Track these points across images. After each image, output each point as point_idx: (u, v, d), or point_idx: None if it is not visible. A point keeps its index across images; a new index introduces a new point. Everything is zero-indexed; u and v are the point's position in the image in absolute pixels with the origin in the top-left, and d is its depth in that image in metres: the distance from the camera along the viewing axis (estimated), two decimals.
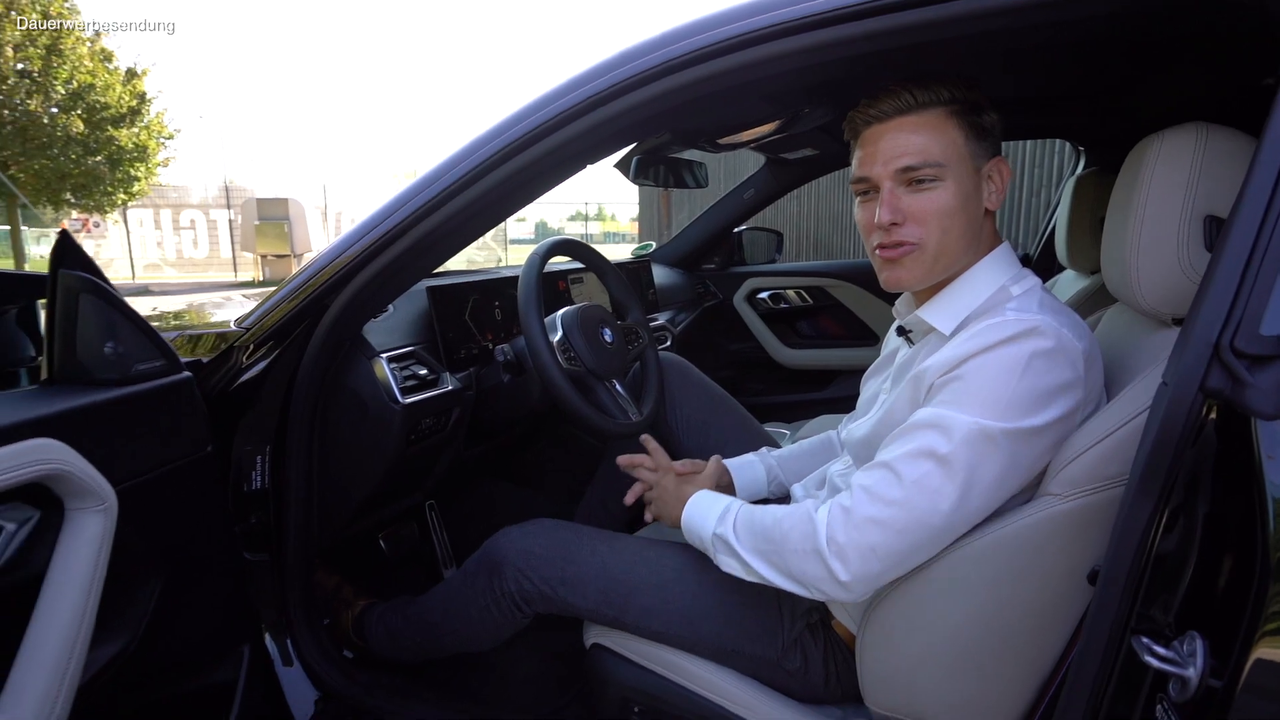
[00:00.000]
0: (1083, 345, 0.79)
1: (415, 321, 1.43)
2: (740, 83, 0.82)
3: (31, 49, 11.48)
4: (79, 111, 11.85)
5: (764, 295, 2.68)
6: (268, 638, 1.20)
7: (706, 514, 0.98)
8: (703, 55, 0.80)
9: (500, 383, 1.42)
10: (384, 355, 1.25)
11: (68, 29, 11.77)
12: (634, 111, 0.85)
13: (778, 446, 1.38)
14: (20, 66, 11.51)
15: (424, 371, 1.30)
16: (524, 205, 1.12)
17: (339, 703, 1.22)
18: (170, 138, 13.27)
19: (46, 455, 0.66)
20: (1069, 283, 1.76)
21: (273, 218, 14.31)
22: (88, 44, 12.15)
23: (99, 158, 12.23)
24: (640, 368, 1.54)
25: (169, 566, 0.85)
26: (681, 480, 1.16)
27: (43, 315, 0.79)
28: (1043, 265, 2.34)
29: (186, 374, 0.90)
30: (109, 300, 0.78)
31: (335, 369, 1.19)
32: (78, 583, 0.68)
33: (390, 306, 1.39)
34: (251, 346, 1.20)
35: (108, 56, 12.47)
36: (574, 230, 23.33)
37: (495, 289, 1.64)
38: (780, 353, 2.69)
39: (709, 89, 0.82)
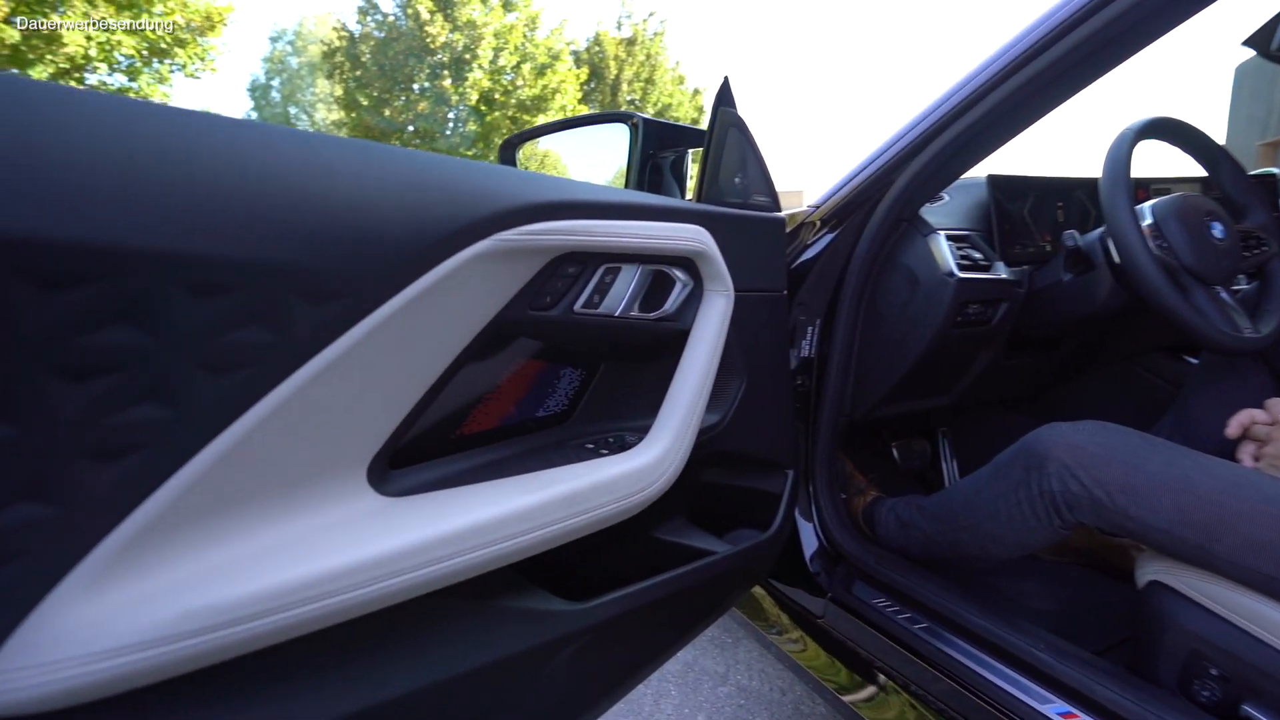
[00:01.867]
0: None
1: (970, 211, 1.39)
2: None
3: (636, 83, 15.07)
4: None
5: None
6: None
7: None
8: None
9: (1058, 281, 1.27)
10: (941, 232, 1.25)
11: (659, 63, 15.05)
12: None
13: None
14: (630, 97, 15.17)
15: (978, 256, 1.26)
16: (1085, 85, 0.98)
17: (845, 564, 1.29)
18: None
19: (699, 237, 0.86)
20: None
21: None
22: (669, 71, 15.29)
23: None
24: (1262, 282, 1.19)
25: (750, 374, 1.02)
26: None
27: (691, 166, 1.03)
28: None
29: (782, 215, 1.06)
30: (746, 137, 0.97)
31: (891, 245, 1.25)
32: (708, 343, 0.88)
33: (944, 195, 1.38)
34: (818, 224, 1.35)
35: (680, 80, 15.48)
36: None
37: (1059, 190, 1.48)
38: None
39: None
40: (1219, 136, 1.24)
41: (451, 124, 15.90)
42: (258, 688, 0.52)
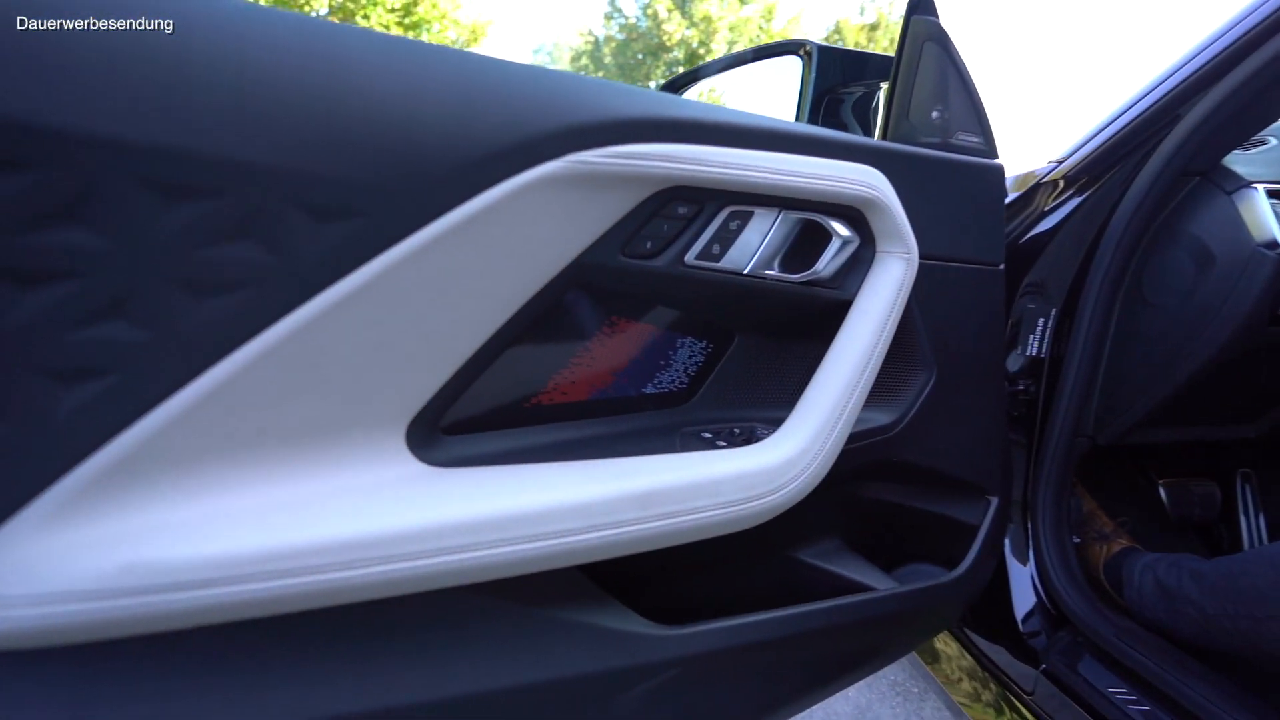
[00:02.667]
0: None
1: None
2: None
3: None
4: None
5: None
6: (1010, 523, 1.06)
7: None
8: None
9: None
10: (1259, 186, 0.89)
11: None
12: None
13: None
14: None
15: None
16: None
17: (1071, 630, 0.98)
18: None
19: (869, 180, 0.66)
20: None
21: None
22: None
23: None
24: None
25: (941, 367, 0.79)
26: None
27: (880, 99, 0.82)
28: None
29: (999, 163, 0.80)
30: (948, 52, 0.74)
31: (1172, 208, 0.91)
32: (875, 319, 0.67)
33: (1271, 138, 0.99)
34: (1060, 185, 1.04)
35: None
36: None
37: None
38: None
39: None
40: None
41: None
42: (216, 666, 0.46)
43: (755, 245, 0.62)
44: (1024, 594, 1.03)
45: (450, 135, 0.46)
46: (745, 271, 0.62)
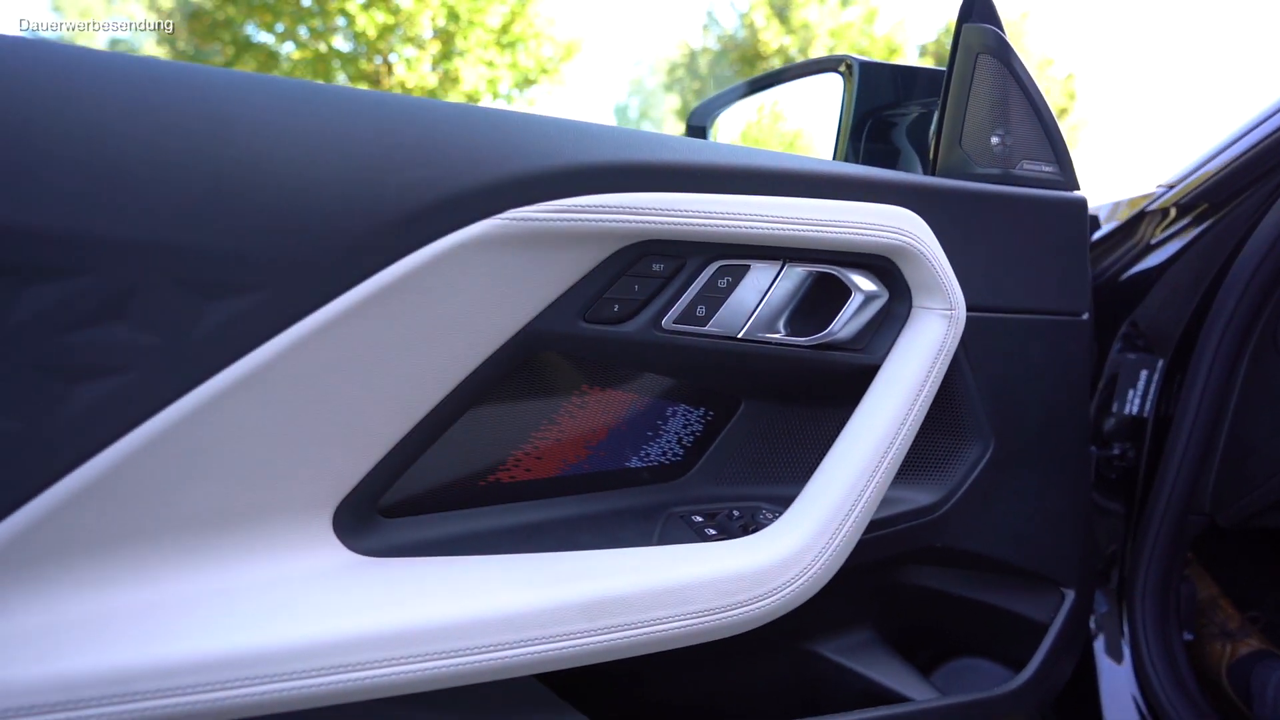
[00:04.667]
0: None
1: None
2: None
3: None
4: None
5: None
6: (1096, 610, 0.90)
7: None
8: None
9: None
10: None
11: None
12: None
13: None
14: None
15: None
16: None
17: None
18: None
19: (899, 224, 0.55)
20: None
21: None
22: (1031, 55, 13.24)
23: None
24: None
25: (1001, 438, 0.66)
26: None
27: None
28: None
29: (1080, 195, 0.66)
30: (1009, 66, 0.61)
31: None
32: (906, 387, 0.56)
33: None
34: (1172, 213, 0.87)
35: (1049, 64, 13.31)
36: None
37: None
38: None
39: None
40: None
41: None
42: None
43: (751, 304, 0.53)
44: (1118, 703, 0.86)
45: (358, 197, 0.40)
46: (739, 335, 0.53)
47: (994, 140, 0.63)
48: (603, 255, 0.48)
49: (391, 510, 0.51)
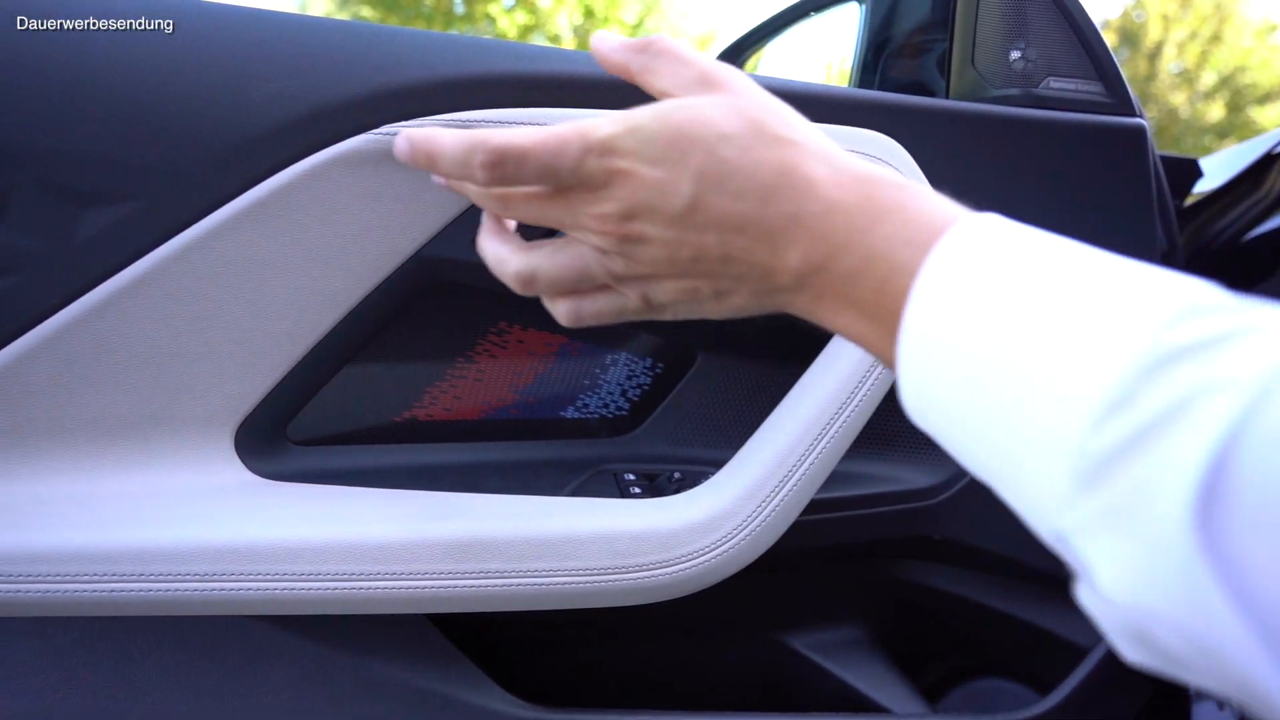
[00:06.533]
0: None
1: None
2: None
3: (1191, 44, 11.67)
4: (1222, 97, 11.46)
5: None
6: None
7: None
8: None
9: None
10: None
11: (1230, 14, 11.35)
12: None
13: None
14: (1176, 65, 11.90)
15: None
16: None
17: None
18: None
19: (868, 149, 0.47)
20: None
21: None
22: (1251, 23, 11.44)
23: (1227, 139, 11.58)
24: None
25: None
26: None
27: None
28: None
29: (1139, 121, 0.54)
30: None
31: None
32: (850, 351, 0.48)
33: None
34: None
35: (1271, 30, 11.44)
36: None
37: None
38: None
39: None
40: None
41: None
42: None
43: None
44: None
45: (225, 106, 0.40)
46: None
47: (1013, 55, 0.53)
48: None
49: (308, 441, 0.51)
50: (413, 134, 0.31)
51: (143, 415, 0.44)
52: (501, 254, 0.32)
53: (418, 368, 0.52)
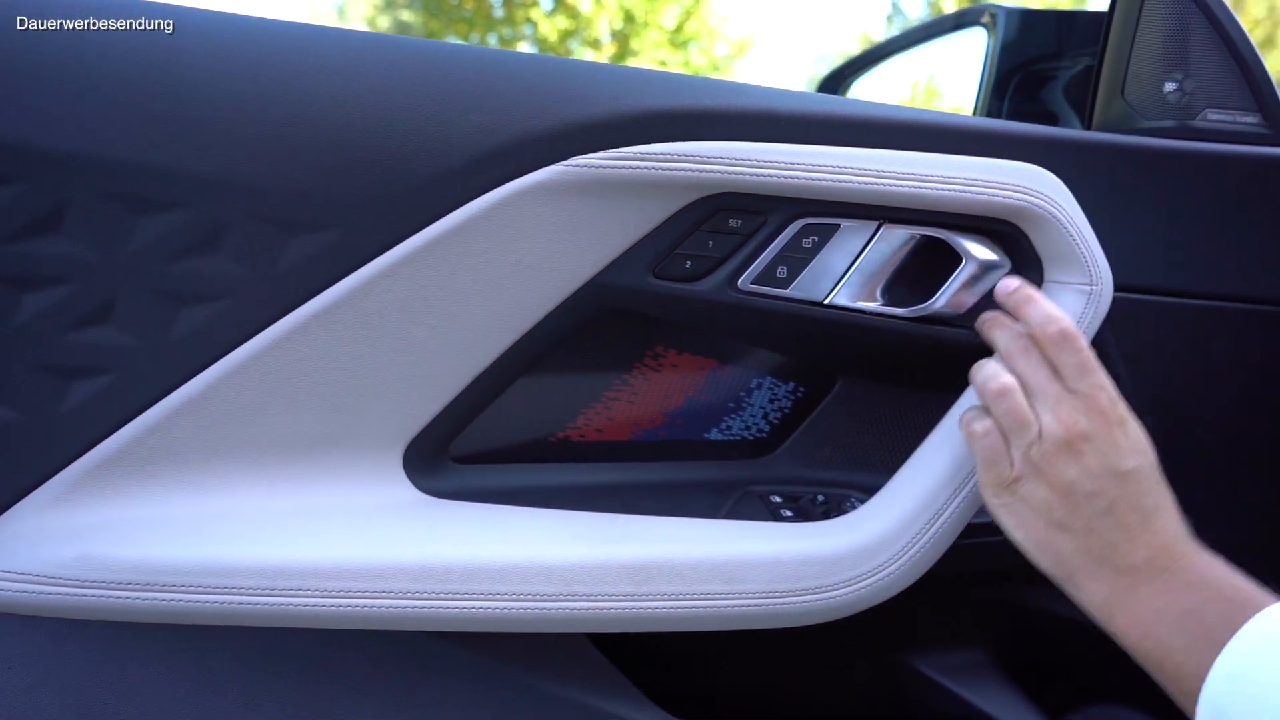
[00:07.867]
0: None
1: None
2: None
3: None
4: None
5: None
6: None
7: None
8: None
9: None
10: None
11: None
12: None
13: None
14: None
15: None
16: None
17: None
18: None
19: (1027, 183, 0.47)
20: None
21: None
22: None
23: None
24: None
25: (1168, 446, 0.55)
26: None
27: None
28: None
29: None
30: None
31: None
32: None
33: None
34: None
35: None
36: None
37: None
38: None
39: None
40: None
41: None
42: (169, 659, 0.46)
43: (840, 268, 0.48)
44: None
45: (424, 141, 0.42)
46: (824, 301, 0.49)
47: (1169, 87, 0.53)
48: (674, 207, 0.46)
49: (465, 458, 0.53)
50: (1030, 290, 0.43)
51: (324, 434, 0.46)
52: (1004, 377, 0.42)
53: (577, 389, 0.53)
